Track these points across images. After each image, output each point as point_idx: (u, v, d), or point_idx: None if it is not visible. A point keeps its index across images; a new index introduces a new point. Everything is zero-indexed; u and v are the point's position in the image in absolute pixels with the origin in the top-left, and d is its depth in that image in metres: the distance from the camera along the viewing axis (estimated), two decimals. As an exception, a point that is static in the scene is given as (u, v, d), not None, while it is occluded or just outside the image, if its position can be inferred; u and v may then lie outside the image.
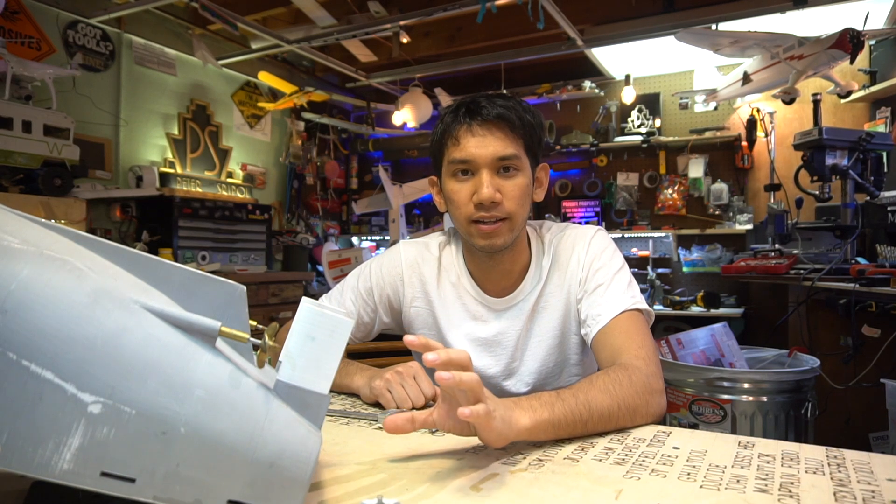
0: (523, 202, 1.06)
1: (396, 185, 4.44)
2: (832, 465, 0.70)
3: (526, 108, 1.07)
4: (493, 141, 1.03)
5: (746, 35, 3.16)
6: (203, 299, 0.53)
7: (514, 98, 1.08)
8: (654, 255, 4.39)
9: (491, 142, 1.02)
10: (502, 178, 1.04)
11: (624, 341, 0.99)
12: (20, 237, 0.46)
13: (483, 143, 1.02)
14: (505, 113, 1.03)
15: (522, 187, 1.05)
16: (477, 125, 1.03)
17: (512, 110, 1.04)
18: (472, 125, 1.03)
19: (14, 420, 0.41)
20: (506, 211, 1.04)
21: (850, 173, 2.45)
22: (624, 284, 1.08)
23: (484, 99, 1.05)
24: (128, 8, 3.34)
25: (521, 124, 1.04)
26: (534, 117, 1.08)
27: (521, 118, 1.04)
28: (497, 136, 1.03)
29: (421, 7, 3.34)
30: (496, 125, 1.03)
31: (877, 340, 1.94)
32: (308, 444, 0.50)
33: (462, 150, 1.03)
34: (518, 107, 1.06)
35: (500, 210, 1.03)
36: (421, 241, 1.24)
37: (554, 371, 1.15)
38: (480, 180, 1.02)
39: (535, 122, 1.08)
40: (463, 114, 1.04)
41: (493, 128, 1.03)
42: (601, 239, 1.14)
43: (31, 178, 2.76)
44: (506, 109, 1.03)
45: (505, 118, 1.03)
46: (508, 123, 1.03)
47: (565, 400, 0.80)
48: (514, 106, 1.05)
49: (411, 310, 1.20)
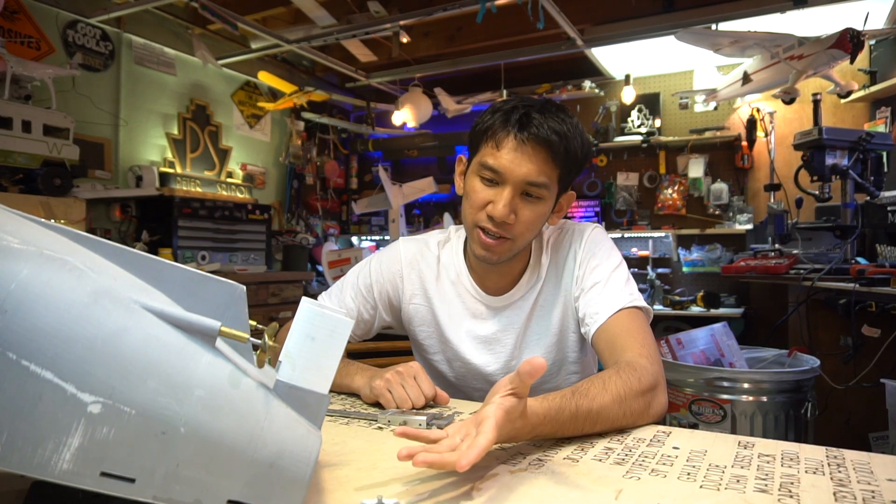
0: (534, 228, 1.04)
1: (396, 185, 4.44)
2: (832, 465, 0.70)
3: (577, 133, 1.01)
4: (530, 163, 0.98)
5: (746, 35, 3.16)
6: (203, 299, 0.53)
7: (570, 119, 1.01)
8: (654, 255, 4.38)
9: (527, 162, 0.98)
10: (523, 202, 1.01)
11: (626, 339, 0.98)
12: (20, 237, 0.46)
13: (519, 161, 0.98)
14: (552, 138, 0.97)
15: (539, 215, 1.03)
16: (521, 140, 0.97)
17: (562, 137, 0.98)
18: (517, 137, 0.98)
19: (14, 420, 0.41)
20: (513, 233, 1.02)
21: (850, 173, 2.45)
22: (622, 282, 1.07)
23: (538, 113, 0.98)
24: (128, 8, 3.34)
25: (565, 153, 0.99)
26: (582, 147, 1.02)
27: (567, 147, 0.99)
28: (536, 159, 0.98)
29: (421, 7, 3.34)
30: (539, 147, 0.98)
31: (877, 340, 1.94)
32: (308, 444, 0.50)
33: (496, 158, 0.99)
34: (570, 133, 0.99)
35: (507, 230, 1.01)
36: (420, 238, 1.24)
37: (552, 369, 1.15)
38: (501, 195, 0.99)
39: (580, 154, 1.02)
40: (514, 122, 0.99)
41: (535, 149, 0.97)
42: (598, 235, 1.14)
43: (30, 178, 2.76)
44: (555, 134, 0.97)
45: (551, 144, 0.97)
46: (552, 150, 0.98)
47: (576, 399, 0.79)
48: (566, 132, 0.99)
49: (410, 307, 1.20)
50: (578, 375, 1.16)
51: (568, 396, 0.80)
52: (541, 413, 0.74)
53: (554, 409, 0.76)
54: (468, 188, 1.05)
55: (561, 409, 0.77)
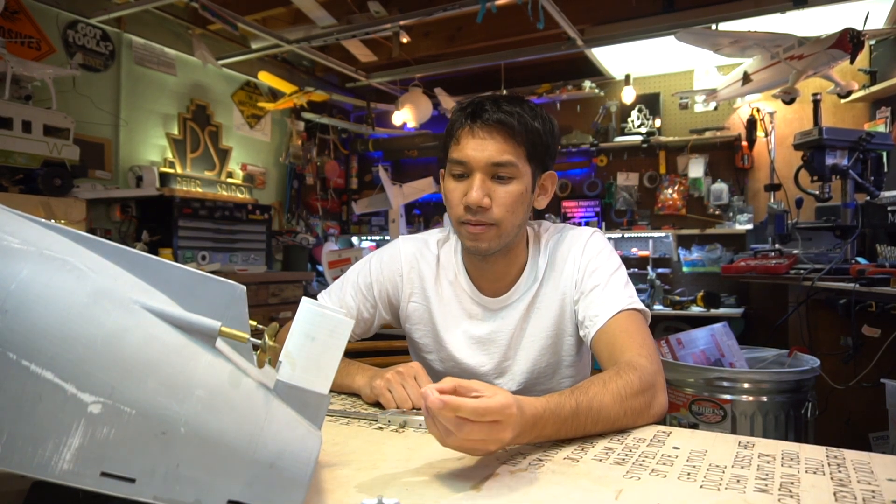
0: (514, 209, 1.05)
1: (396, 185, 4.44)
2: (832, 465, 0.70)
3: (535, 114, 1.05)
4: (491, 145, 1.01)
5: (746, 35, 3.16)
6: (203, 299, 0.53)
7: (525, 103, 1.06)
8: (654, 255, 4.38)
9: (488, 146, 1.01)
10: (496, 184, 1.03)
11: (625, 340, 0.99)
12: (20, 237, 0.46)
13: (480, 147, 1.02)
14: (506, 119, 1.01)
15: (515, 195, 1.04)
16: (478, 128, 1.02)
17: (515, 116, 1.01)
18: (473, 127, 1.02)
19: (14, 420, 0.41)
20: (494, 217, 1.03)
21: (850, 173, 2.45)
22: (620, 285, 1.08)
23: (489, 102, 1.03)
24: (128, 8, 3.34)
25: (525, 130, 1.02)
26: (543, 123, 1.05)
27: (524, 124, 1.02)
28: (496, 140, 1.01)
29: (421, 7, 3.34)
30: (496, 129, 1.01)
31: (877, 340, 1.94)
32: (308, 444, 0.50)
33: (460, 151, 1.03)
34: (525, 112, 1.03)
35: (487, 216, 1.03)
36: (420, 237, 1.24)
37: (546, 371, 1.15)
38: (472, 183, 1.02)
39: (543, 129, 1.05)
40: (467, 115, 1.04)
41: (493, 132, 1.01)
42: (597, 241, 1.15)
43: (31, 178, 2.76)
44: (508, 115, 1.01)
45: (506, 123, 1.01)
46: (509, 129, 1.01)
47: (576, 396, 0.80)
48: (521, 112, 1.03)
49: (409, 305, 1.20)
50: (573, 380, 1.17)
51: (567, 394, 0.80)
52: (540, 408, 0.74)
53: (553, 404, 0.76)
54: (445, 191, 1.09)
55: (561, 405, 0.77)
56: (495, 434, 0.67)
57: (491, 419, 0.66)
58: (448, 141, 1.08)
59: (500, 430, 0.67)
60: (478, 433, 0.66)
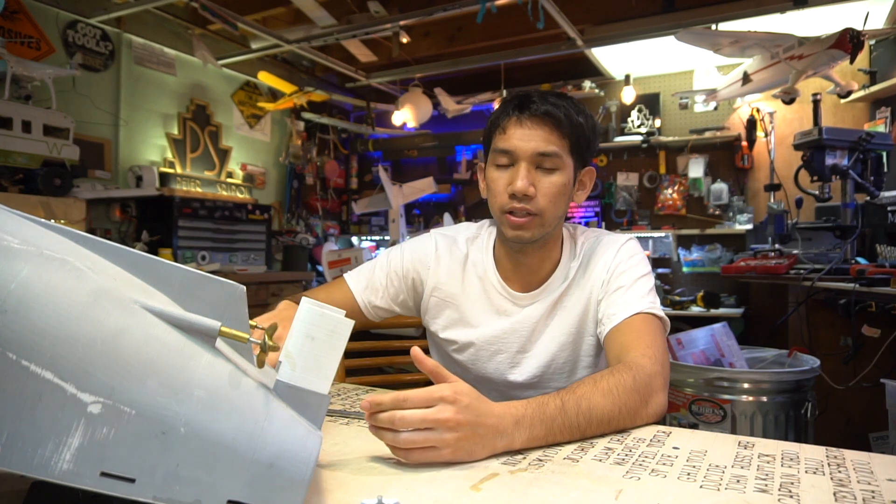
0: (557, 201, 1.07)
1: (396, 185, 4.44)
2: (832, 465, 0.70)
3: (579, 109, 1.08)
4: (537, 136, 1.04)
5: (746, 35, 3.16)
6: (203, 299, 0.53)
7: (569, 98, 1.09)
8: (654, 255, 4.38)
9: (534, 136, 1.04)
10: (540, 174, 1.05)
11: (634, 340, 0.99)
12: (20, 237, 0.46)
13: (527, 137, 1.04)
14: (553, 110, 1.03)
15: (558, 186, 1.06)
16: (525, 118, 1.04)
17: (562, 108, 1.04)
18: (520, 118, 1.04)
19: (14, 420, 0.41)
20: (538, 206, 1.05)
21: (850, 173, 2.45)
22: (644, 290, 1.08)
23: (536, 94, 1.06)
24: (128, 8, 3.34)
25: (570, 123, 1.05)
26: (586, 119, 1.08)
27: (570, 117, 1.05)
28: (542, 131, 1.04)
29: (421, 7, 3.34)
30: (543, 121, 1.04)
31: (877, 340, 1.94)
32: (308, 444, 0.50)
33: (506, 141, 1.05)
34: (570, 107, 1.06)
35: (532, 204, 1.05)
36: (450, 234, 1.25)
37: (563, 368, 1.16)
38: (517, 172, 1.04)
39: (586, 124, 1.08)
40: (514, 106, 1.06)
41: (539, 123, 1.04)
42: (631, 246, 1.16)
43: (30, 178, 2.76)
44: (555, 107, 1.04)
45: (552, 115, 1.03)
46: (555, 121, 1.04)
47: (561, 395, 0.81)
48: (566, 105, 1.06)
49: (432, 299, 1.21)
50: None
51: (553, 394, 0.81)
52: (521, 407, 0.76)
53: (536, 402, 0.78)
54: (489, 180, 1.10)
55: (544, 403, 0.78)
56: (442, 424, 0.68)
57: (412, 405, 0.69)
58: (492, 132, 1.09)
59: (445, 421, 0.68)
60: (418, 423, 0.68)
